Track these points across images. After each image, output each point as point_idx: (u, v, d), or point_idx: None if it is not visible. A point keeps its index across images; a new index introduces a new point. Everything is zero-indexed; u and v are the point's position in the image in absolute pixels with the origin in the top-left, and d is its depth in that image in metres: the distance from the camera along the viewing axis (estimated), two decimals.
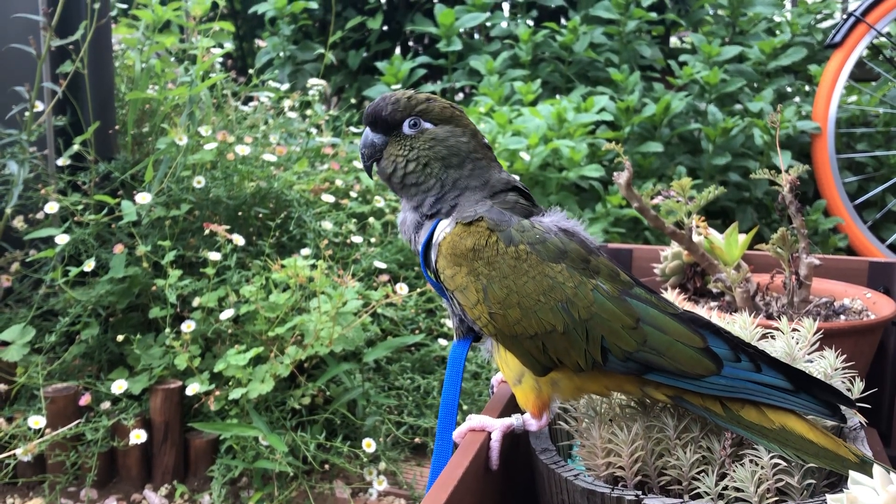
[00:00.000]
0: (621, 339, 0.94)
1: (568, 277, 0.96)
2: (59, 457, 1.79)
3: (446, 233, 1.01)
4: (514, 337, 0.97)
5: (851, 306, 1.51)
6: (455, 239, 0.99)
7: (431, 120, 1.05)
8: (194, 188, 2.10)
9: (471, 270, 0.98)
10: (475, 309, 0.98)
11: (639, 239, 2.87)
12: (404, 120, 1.04)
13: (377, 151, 1.06)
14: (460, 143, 1.05)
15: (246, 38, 4.51)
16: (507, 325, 0.96)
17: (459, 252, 0.99)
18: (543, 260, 0.97)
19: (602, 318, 0.94)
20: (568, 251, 0.98)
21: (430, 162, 1.04)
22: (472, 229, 0.99)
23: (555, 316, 0.95)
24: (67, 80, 2.08)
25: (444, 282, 1.01)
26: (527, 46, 3.47)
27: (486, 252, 0.98)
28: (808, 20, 3.61)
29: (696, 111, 3.32)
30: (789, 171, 1.40)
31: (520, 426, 1.03)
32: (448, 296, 1.03)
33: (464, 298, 0.99)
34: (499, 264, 0.97)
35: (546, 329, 0.95)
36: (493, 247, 0.98)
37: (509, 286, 0.96)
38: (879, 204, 3.28)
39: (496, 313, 0.97)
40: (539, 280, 0.96)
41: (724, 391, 0.92)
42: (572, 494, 0.93)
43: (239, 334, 1.93)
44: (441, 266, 1.01)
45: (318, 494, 1.82)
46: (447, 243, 1.00)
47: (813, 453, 0.88)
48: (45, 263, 2.00)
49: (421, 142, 1.04)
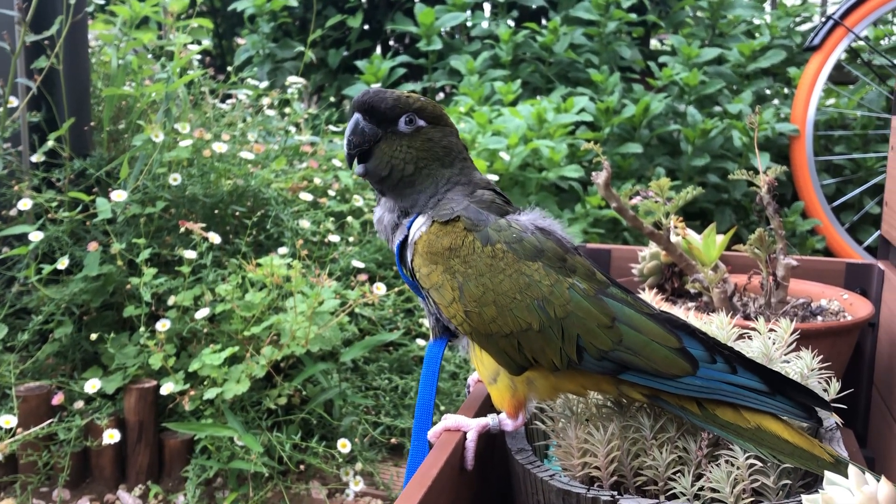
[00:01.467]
0: (597, 338, 0.93)
1: (544, 276, 0.95)
2: (31, 457, 1.76)
3: (422, 231, 1.00)
4: (490, 335, 0.96)
5: (828, 307, 1.51)
6: (431, 238, 0.99)
7: (426, 118, 1.04)
8: (170, 186, 2.08)
9: (447, 269, 0.97)
10: (451, 307, 0.97)
11: (618, 239, 2.87)
12: (401, 116, 1.03)
13: (366, 141, 1.03)
14: (451, 142, 1.05)
15: (225, 35, 4.48)
16: (483, 323, 0.96)
17: (436, 250, 0.98)
18: (520, 258, 0.96)
19: (578, 316, 0.94)
20: (544, 249, 0.97)
21: (429, 162, 1.03)
22: (449, 228, 0.98)
23: (530, 314, 0.94)
24: (42, 76, 2.05)
25: (420, 280, 1.00)
26: (507, 47, 3.47)
27: (463, 251, 0.97)
28: (787, 23, 3.63)
29: (675, 112, 3.33)
30: (767, 172, 1.40)
31: (495, 426, 1.02)
32: (423, 294, 1.02)
33: (439, 297, 0.98)
34: (475, 263, 0.96)
35: (521, 327, 0.94)
36: (470, 246, 0.97)
37: (485, 284, 0.95)
38: (857, 206, 3.30)
39: (472, 311, 0.96)
40: (515, 278, 0.95)
41: (700, 392, 0.92)
42: (548, 495, 0.93)
43: (214, 334, 1.91)
44: (417, 264, 1.00)
45: (294, 495, 1.80)
46: (423, 242, 0.99)
47: (788, 453, 0.88)
48: (19, 261, 1.98)
49: (420, 141, 1.03)
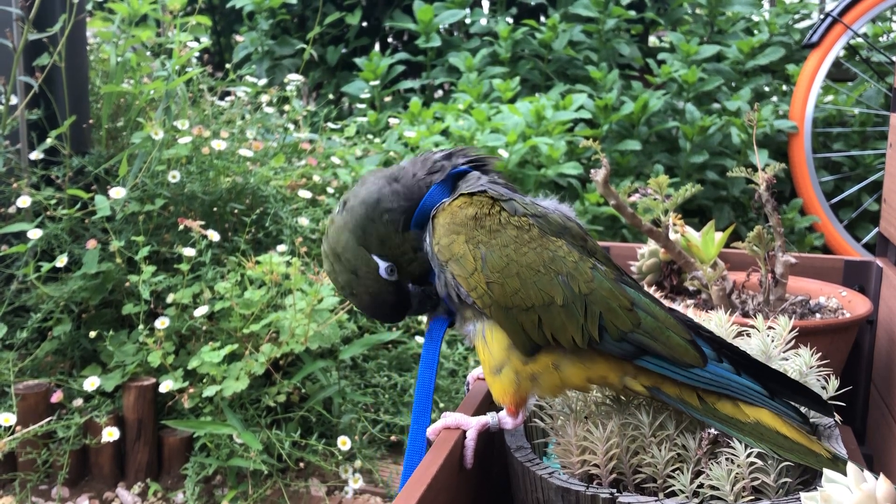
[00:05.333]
0: (618, 318, 0.94)
1: (568, 252, 0.96)
2: (30, 454, 1.76)
3: (445, 204, 0.99)
4: (510, 309, 0.94)
5: (827, 304, 1.51)
6: (455, 209, 0.98)
7: (371, 248, 1.01)
8: (169, 183, 2.08)
9: (469, 238, 0.96)
10: (472, 278, 0.95)
11: (616, 237, 2.87)
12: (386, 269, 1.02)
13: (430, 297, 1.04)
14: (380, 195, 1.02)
15: (223, 33, 4.48)
16: (505, 295, 0.94)
17: (459, 220, 0.97)
18: (545, 233, 0.96)
19: (601, 294, 0.94)
20: (568, 227, 0.99)
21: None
22: (475, 199, 0.98)
23: (554, 288, 0.94)
24: (44, 74, 2.05)
25: (440, 252, 0.98)
26: (506, 44, 3.46)
27: (488, 221, 0.96)
28: (785, 20, 3.63)
29: (673, 110, 3.33)
30: (766, 169, 1.40)
31: (495, 425, 1.02)
32: (438, 270, 1.00)
33: (459, 268, 0.96)
34: (500, 233, 0.95)
35: (545, 301, 0.94)
36: (496, 216, 0.97)
37: (509, 255, 0.95)
38: (855, 203, 3.30)
39: (494, 283, 0.94)
40: (540, 251, 0.95)
41: (709, 385, 0.93)
42: (547, 492, 0.93)
43: (213, 331, 1.91)
44: (438, 236, 0.98)
45: (293, 493, 1.80)
46: (446, 213, 0.98)
47: (788, 448, 0.89)
48: (17, 259, 1.98)
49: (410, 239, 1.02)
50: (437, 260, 0.98)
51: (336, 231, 1.02)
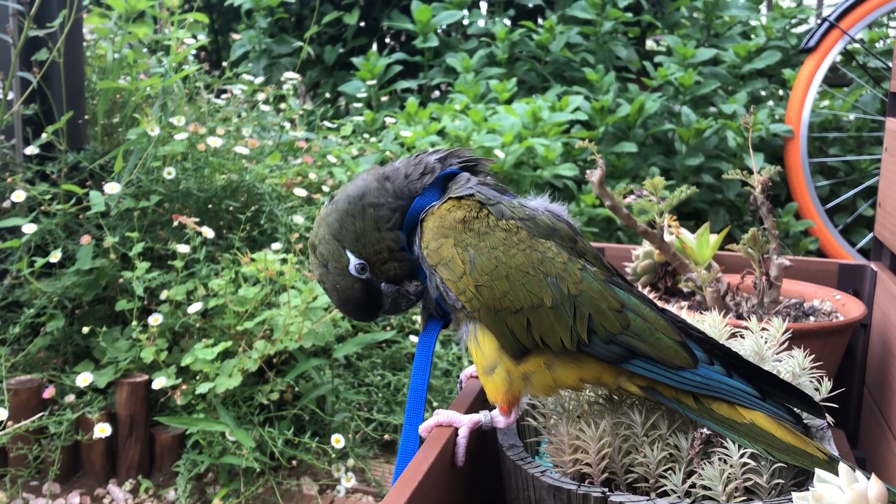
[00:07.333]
0: (607, 320, 0.93)
1: (557, 253, 0.95)
2: (21, 450, 1.76)
3: (434, 208, 0.99)
4: (498, 312, 0.94)
5: (821, 308, 1.52)
6: (443, 212, 0.97)
7: (352, 252, 1.01)
8: (164, 180, 2.08)
9: (458, 241, 0.96)
10: (460, 281, 0.95)
11: (611, 238, 2.87)
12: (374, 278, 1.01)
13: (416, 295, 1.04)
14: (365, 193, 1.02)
15: (221, 30, 4.47)
16: (494, 297, 0.94)
17: (448, 224, 0.96)
18: (534, 235, 0.96)
19: (590, 296, 0.94)
20: (557, 229, 0.98)
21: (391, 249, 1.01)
22: (463, 203, 0.98)
23: (543, 290, 0.93)
24: (43, 70, 2.04)
25: (428, 256, 0.97)
26: (503, 45, 3.47)
27: (476, 224, 0.96)
28: (782, 24, 3.63)
29: (670, 112, 3.33)
30: (761, 172, 1.40)
31: (487, 423, 1.01)
32: (428, 273, 1.00)
33: (448, 272, 0.96)
34: (488, 236, 0.95)
35: (533, 303, 0.93)
36: (484, 219, 0.96)
37: (498, 257, 0.94)
38: (850, 208, 3.31)
39: (483, 285, 0.94)
40: (528, 253, 0.95)
41: (699, 388, 0.93)
42: (539, 491, 0.93)
43: (207, 328, 1.91)
44: (426, 240, 0.98)
45: (286, 491, 1.80)
46: (435, 217, 0.98)
47: (782, 449, 0.89)
48: (11, 253, 1.97)
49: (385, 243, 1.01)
50: (427, 263, 0.98)
51: (317, 223, 1.03)
